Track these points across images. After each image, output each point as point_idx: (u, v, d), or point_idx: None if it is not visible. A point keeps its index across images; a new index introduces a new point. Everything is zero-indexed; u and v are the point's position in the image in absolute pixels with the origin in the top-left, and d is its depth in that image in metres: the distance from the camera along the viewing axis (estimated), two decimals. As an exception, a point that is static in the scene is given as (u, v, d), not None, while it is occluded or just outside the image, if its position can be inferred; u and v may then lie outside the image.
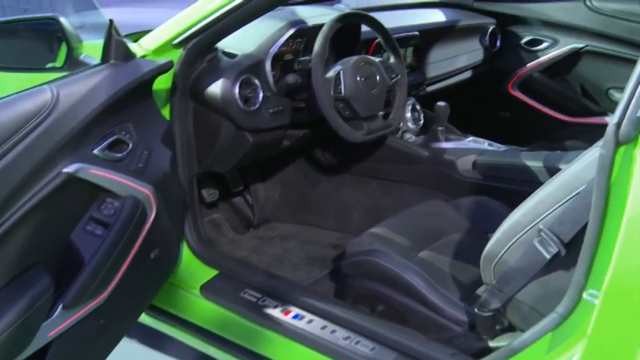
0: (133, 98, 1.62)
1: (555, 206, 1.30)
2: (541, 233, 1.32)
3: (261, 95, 1.96)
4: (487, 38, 3.16)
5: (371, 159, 2.52)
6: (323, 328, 1.70)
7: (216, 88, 1.87)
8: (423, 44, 2.79)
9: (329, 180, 2.65)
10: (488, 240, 1.48)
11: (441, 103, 2.50)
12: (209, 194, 2.43)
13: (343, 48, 2.26)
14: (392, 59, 2.27)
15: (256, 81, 1.95)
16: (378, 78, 2.14)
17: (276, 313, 1.77)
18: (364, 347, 1.62)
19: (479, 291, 1.65)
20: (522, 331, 1.39)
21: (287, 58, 2.13)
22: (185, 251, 1.94)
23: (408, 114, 2.60)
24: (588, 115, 3.20)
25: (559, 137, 3.17)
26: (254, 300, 1.82)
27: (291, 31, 2.07)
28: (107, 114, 1.54)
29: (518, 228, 1.39)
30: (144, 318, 2.03)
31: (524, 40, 3.20)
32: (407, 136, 2.56)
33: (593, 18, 2.99)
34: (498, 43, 3.24)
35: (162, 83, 1.76)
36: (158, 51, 1.75)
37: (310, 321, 1.73)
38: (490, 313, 1.48)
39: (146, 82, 1.67)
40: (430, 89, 2.90)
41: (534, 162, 2.18)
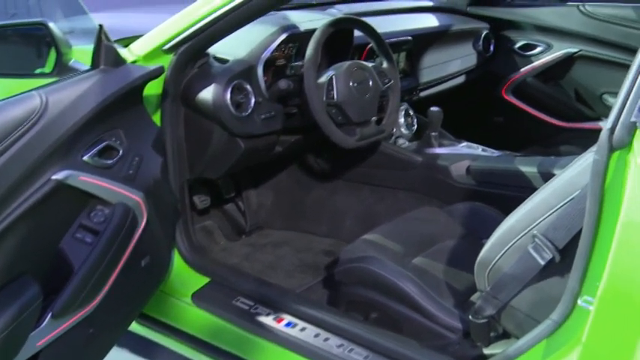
0: (124, 104, 1.61)
1: (549, 212, 1.29)
2: (535, 239, 1.31)
3: (253, 101, 1.95)
4: (480, 43, 3.16)
5: (364, 165, 2.51)
6: (316, 336, 1.68)
7: (207, 94, 1.85)
8: (416, 49, 2.78)
9: (322, 186, 2.64)
10: (482, 246, 1.47)
11: (435, 109, 2.49)
12: (201, 201, 2.41)
13: (336, 53, 2.25)
14: (385, 64, 2.26)
15: (248, 86, 1.94)
16: (371, 83, 2.14)
17: (268, 321, 1.75)
18: (358, 355, 1.61)
19: (473, 298, 1.64)
20: (517, 338, 1.38)
21: (279, 64, 2.12)
22: (176, 259, 1.92)
23: (401, 119, 2.59)
24: (582, 120, 3.21)
25: (553, 142, 3.16)
26: (246, 308, 1.81)
27: (283, 36, 2.06)
28: (97, 120, 1.53)
29: (512, 234, 1.38)
30: (135, 327, 2.01)
31: (517, 45, 3.21)
32: (400, 142, 2.56)
33: (586, 23, 3.00)
34: (492, 48, 3.24)
35: (152, 89, 1.75)
36: (149, 56, 1.74)
37: (303, 329, 1.72)
38: (484, 320, 1.47)
39: (136, 88, 1.66)
40: (423, 94, 2.89)
41: (528, 167, 2.17)
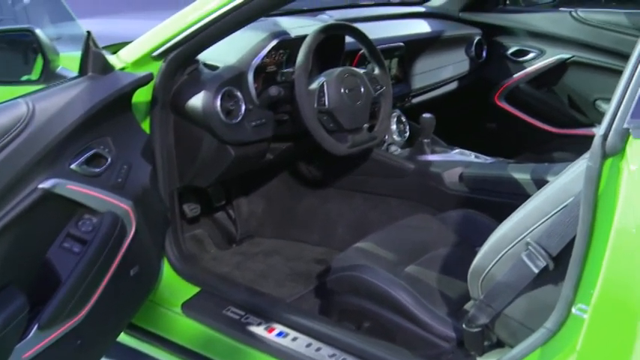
0: (112, 112, 1.60)
1: (543, 219, 1.28)
2: (529, 247, 1.30)
3: (243, 108, 1.94)
4: (473, 49, 3.16)
5: (356, 172, 2.50)
6: (308, 346, 1.67)
7: (197, 101, 1.84)
8: (408, 55, 2.78)
9: (313, 194, 2.63)
10: (475, 254, 1.46)
11: (427, 115, 2.48)
12: (190, 209, 2.40)
13: (327, 59, 2.24)
14: (376, 71, 2.26)
15: (238, 93, 1.93)
16: (363, 90, 2.13)
17: (259, 331, 1.74)
18: (350, 365, 1.59)
19: (467, 306, 1.62)
20: (511, 347, 1.38)
21: (270, 70, 2.11)
22: (166, 268, 1.91)
23: (394, 126, 2.59)
24: (576, 127, 3.21)
25: (546, 149, 3.16)
26: (237, 317, 1.80)
27: (273, 43, 2.05)
28: (85, 128, 1.51)
29: (505, 242, 1.37)
30: (123, 337, 1.98)
31: (510, 51, 3.21)
32: (392, 149, 2.55)
33: (579, 28, 3.01)
34: (484, 54, 3.24)
35: (141, 96, 1.74)
36: (137, 63, 1.73)
37: (295, 339, 1.71)
38: (478, 329, 1.46)
39: (125, 95, 1.65)
40: (415, 101, 2.89)
41: (521, 174, 2.16)
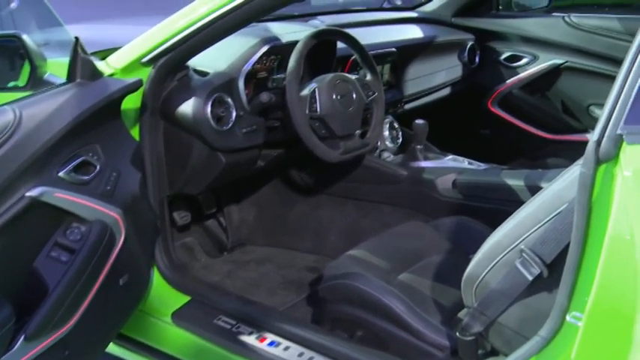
0: (101, 118, 1.59)
1: (537, 226, 1.28)
2: (523, 254, 1.29)
3: (234, 114, 1.93)
4: (466, 54, 3.16)
5: (348, 179, 2.50)
6: (300, 355, 1.67)
7: (187, 107, 1.83)
8: (401, 61, 2.78)
9: (305, 201, 2.62)
10: (469, 261, 1.46)
11: (420, 121, 2.48)
12: (181, 217, 2.39)
13: (318, 65, 2.23)
14: (368, 76, 2.25)
15: (229, 100, 1.92)
16: (355, 96, 2.12)
17: (251, 340, 1.73)
18: (343, 374, 1.59)
19: (460, 314, 1.61)
20: (505, 356, 1.36)
21: (261, 76, 2.10)
22: (156, 277, 1.90)
23: (386, 132, 2.59)
24: (569, 132, 3.21)
25: (540, 155, 3.17)
26: (228, 327, 1.79)
27: (264, 49, 2.04)
28: (73, 135, 1.51)
29: (499, 249, 1.36)
30: (112, 348, 1.97)
31: (503, 56, 3.21)
32: (385, 155, 2.55)
33: (572, 34, 3.01)
34: (477, 59, 3.25)
35: (131, 103, 1.73)
36: (127, 69, 1.72)
37: (287, 348, 1.70)
38: (472, 337, 1.45)
39: (114, 102, 1.64)
40: (408, 107, 2.89)
41: (515, 180, 2.16)
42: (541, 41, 3.09)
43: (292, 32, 2.20)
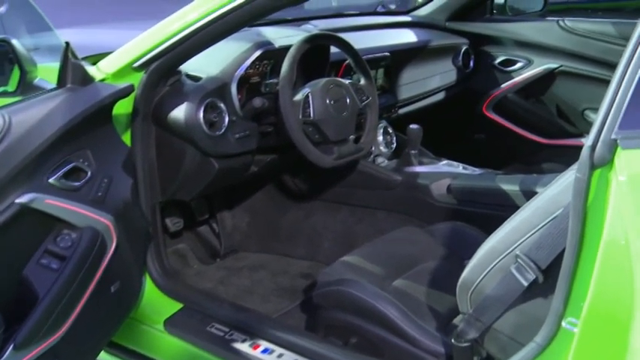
0: (92, 124, 1.58)
1: (532, 231, 1.27)
2: (518, 259, 1.28)
3: (226, 119, 1.92)
4: (460, 59, 3.16)
5: (342, 184, 2.49)
6: None
7: (179, 113, 1.82)
8: (395, 65, 2.77)
9: (299, 207, 2.62)
10: (464, 267, 1.45)
11: (414, 126, 2.48)
12: (173, 223, 2.38)
13: (312, 70, 2.23)
14: (362, 81, 2.24)
15: (222, 105, 1.91)
16: (348, 101, 2.12)
17: (244, 348, 1.72)
18: (337, 382, 1.58)
19: (455, 320, 1.60)
20: (501, 363, 1.36)
21: (253, 81, 2.09)
22: (148, 284, 1.89)
23: (380, 137, 2.58)
24: (564, 137, 3.21)
25: (535, 160, 3.16)
26: (221, 334, 1.78)
27: (257, 53, 2.03)
28: (64, 141, 1.50)
29: (494, 254, 1.35)
30: (104, 356, 1.95)
31: (497, 61, 3.21)
32: (379, 161, 2.54)
33: (566, 38, 3.01)
34: (471, 64, 3.24)
35: (122, 108, 1.72)
36: (118, 74, 1.72)
37: (280, 355, 1.69)
38: (467, 344, 1.44)
39: (105, 107, 1.63)
40: (402, 111, 2.87)
41: (510, 185, 2.16)
42: (535, 45, 3.09)
43: (285, 37, 2.19)
